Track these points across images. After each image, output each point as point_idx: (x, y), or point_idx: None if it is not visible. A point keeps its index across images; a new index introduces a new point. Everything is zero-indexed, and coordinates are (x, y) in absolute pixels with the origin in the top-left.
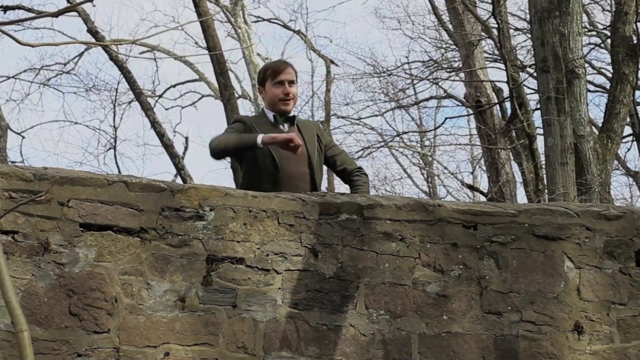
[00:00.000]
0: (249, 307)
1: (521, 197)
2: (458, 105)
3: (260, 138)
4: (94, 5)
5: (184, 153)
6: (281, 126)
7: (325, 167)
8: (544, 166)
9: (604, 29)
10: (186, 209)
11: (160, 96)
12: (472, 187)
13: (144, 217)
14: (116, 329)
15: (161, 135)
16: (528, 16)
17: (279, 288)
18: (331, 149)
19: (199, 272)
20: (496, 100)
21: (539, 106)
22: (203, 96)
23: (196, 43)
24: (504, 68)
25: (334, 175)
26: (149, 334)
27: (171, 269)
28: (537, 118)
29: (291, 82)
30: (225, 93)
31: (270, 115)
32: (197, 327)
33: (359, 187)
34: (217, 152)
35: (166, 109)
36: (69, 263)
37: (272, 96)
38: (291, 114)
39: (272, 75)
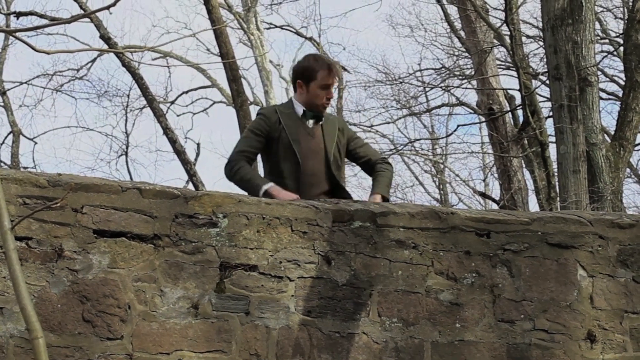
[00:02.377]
0: (262, 315)
1: (533, 205)
2: (470, 112)
3: (263, 190)
4: (110, 13)
5: (195, 159)
6: (308, 122)
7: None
8: (556, 174)
9: (617, 36)
10: (199, 215)
11: (172, 102)
12: (484, 195)
13: (158, 224)
14: (129, 336)
15: (173, 141)
16: (541, 24)
17: (292, 295)
18: (354, 142)
19: (212, 279)
20: (508, 108)
21: (551, 114)
22: (215, 102)
23: (208, 50)
24: (517, 76)
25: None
26: (162, 341)
27: (184, 275)
28: (549, 126)
29: (333, 88)
30: (238, 100)
31: (300, 109)
32: (210, 334)
33: (379, 173)
34: (229, 180)
35: (178, 116)
36: (83, 269)
37: (314, 97)
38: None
39: (322, 76)
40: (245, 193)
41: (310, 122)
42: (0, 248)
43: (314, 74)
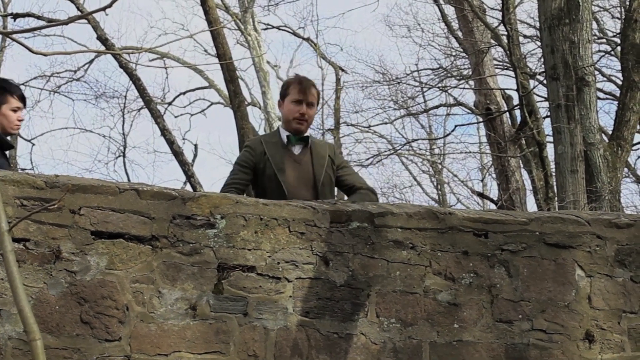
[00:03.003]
0: (260, 316)
1: (531, 204)
2: (468, 112)
3: None
4: (106, 14)
5: (193, 160)
6: (293, 148)
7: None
8: (554, 174)
9: (614, 36)
10: (197, 217)
11: (169, 103)
12: (482, 195)
13: (155, 225)
14: (127, 337)
15: (171, 142)
16: (538, 24)
17: (290, 296)
18: (342, 170)
19: (210, 280)
20: (506, 108)
21: (548, 114)
22: (212, 104)
23: (205, 50)
24: (514, 76)
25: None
26: (160, 342)
27: (182, 277)
28: (547, 126)
29: (310, 104)
30: (235, 100)
31: (284, 135)
32: (208, 335)
33: (357, 193)
34: None
35: (175, 117)
36: (81, 271)
37: (288, 112)
38: (305, 135)
39: (293, 92)
40: None
41: (297, 148)
42: None
43: (287, 89)
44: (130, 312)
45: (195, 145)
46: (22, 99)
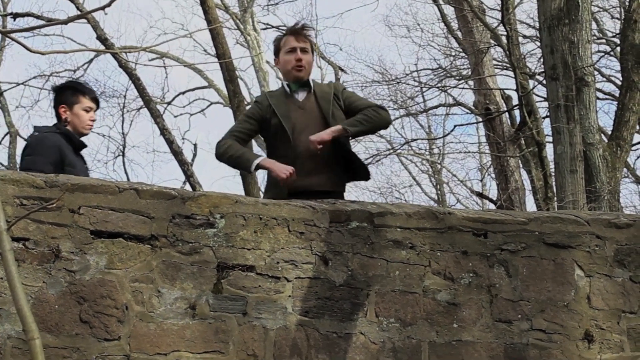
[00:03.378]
0: (260, 315)
1: (530, 205)
2: (467, 112)
3: (254, 164)
4: (105, 13)
5: (192, 160)
6: (296, 94)
7: None
8: (553, 174)
9: (614, 36)
10: (197, 216)
11: (169, 103)
12: (481, 195)
13: (155, 225)
14: (127, 337)
15: (170, 142)
16: (537, 24)
17: (290, 296)
18: (349, 100)
19: (209, 279)
20: (505, 108)
21: (548, 114)
22: (212, 103)
23: (205, 50)
24: (513, 76)
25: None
26: (160, 342)
27: (182, 276)
28: (546, 126)
29: (303, 50)
30: (235, 100)
31: (286, 86)
32: (207, 334)
33: (362, 112)
34: (219, 159)
35: (175, 116)
36: (80, 270)
37: (285, 64)
38: (307, 80)
39: (286, 42)
40: (238, 171)
41: (300, 95)
42: None
43: (280, 43)
44: (130, 311)
45: (195, 145)
46: (95, 100)
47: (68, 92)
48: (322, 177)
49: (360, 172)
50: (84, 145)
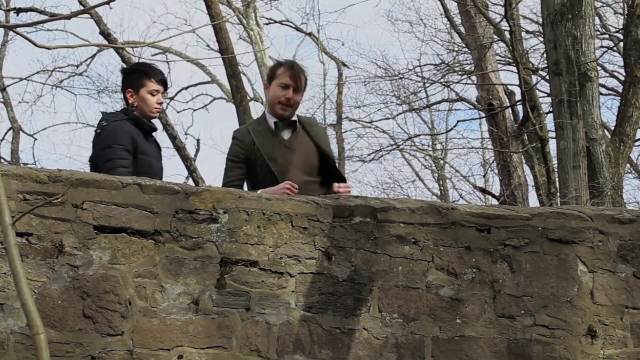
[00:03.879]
0: (263, 310)
1: (533, 200)
2: (470, 108)
3: None
4: (110, 8)
5: (195, 155)
6: (282, 133)
7: None
8: (556, 169)
9: (617, 32)
10: (200, 211)
11: (172, 98)
12: (484, 191)
13: (158, 220)
14: (130, 332)
15: (173, 137)
16: (540, 19)
17: (293, 291)
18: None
19: (212, 274)
20: (508, 103)
21: (551, 109)
22: (215, 99)
23: (208, 46)
24: (516, 71)
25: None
26: (163, 337)
27: (185, 271)
28: (549, 121)
29: (296, 90)
30: (238, 95)
31: (271, 121)
32: (210, 330)
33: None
34: None
35: (178, 112)
36: (83, 265)
37: (273, 96)
38: (293, 119)
39: (283, 76)
40: None
41: (286, 133)
42: (1, 244)
43: (276, 71)
44: (133, 306)
45: (198, 140)
46: (162, 82)
47: (134, 76)
48: None
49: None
50: (154, 129)
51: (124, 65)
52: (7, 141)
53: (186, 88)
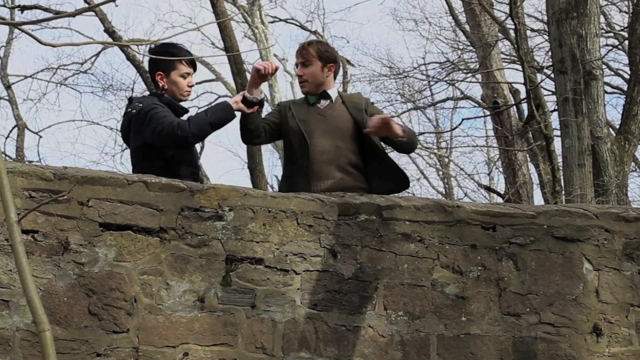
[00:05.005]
0: (268, 308)
1: (538, 198)
2: (475, 106)
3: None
4: (116, 5)
5: (200, 153)
6: (317, 104)
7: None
8: (561, 168)
9: (622, 30)
10: (205, 209)
11: None
12: (488, 189)
13: (164, 217)
14: (135, 329)
15: None
16: (545, 17)
17: (298, 289)
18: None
19: (218, 272)
20: (513, 102)
21: (556, 107)
22: (220, 96)
23: (213, 44)
24: (521, 69)
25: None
26: (168, 334)
27: (190, 269)
28: (554, 119)
29: (304, 64)
30: None
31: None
32: (216, 327)
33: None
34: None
35: None
36: (89, 263)
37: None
38: (328, 90)
39: (295, 59)
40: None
41: (322, 103)
42: (7, 241)
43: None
44: (138, 304)
45: None
46: (192, 63)
47: (163, 58)
48: (337, 181)
49: (397, 180)
50: (186, 112)
51: (128, 63)
52: (12, 139)
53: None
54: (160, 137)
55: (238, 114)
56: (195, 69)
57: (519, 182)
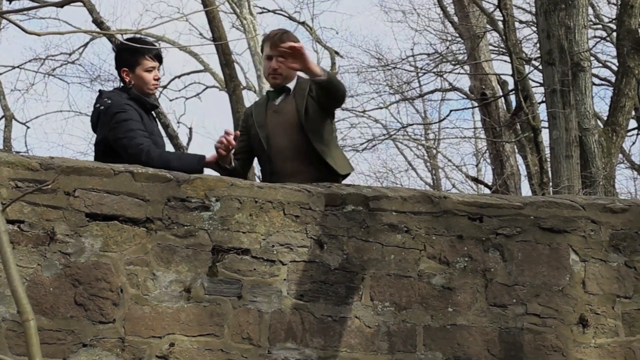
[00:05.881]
0: (254, 298)
1: (526, 190)
2: (463, 98)
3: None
4: None
5: (188, 144)
6: (274, 101)
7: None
8: (548, 159)
9: (610, 22)
10: (192, 199)
11: (164, 87)
12: (476, 180)
13: (150, 208)
14: (121, 319)
15: (165, 126)
16: (534, 9)
17: (284, 279)
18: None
19: (204, 262)
20: (501, 93)
21: (544, 99)
22: (208, 87)
23: (201, 34)
24: (509, 61)
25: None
26: (154, 325)
27: (177, 259)
28: (542, 111)
29: (281, 57)
30: (231, 84)
31: (267, 93)
32: (202, 317)
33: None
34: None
35: (170, 100)
36: (75, 253)
37: (264, 70)
38: (290, 84)
39: (265, 49)
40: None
41: (278, 100)
42: None
43: (262, 47)
44: (125, 294)
45: (190, 129)
46: (157, 57)
47: (127, 54)
48: (302, 177)
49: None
50: (155, 107)
51: (114, 47)
52: (0, 129)
53: (179, 77)
54: (125, 152)
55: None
56: (160, 62)
57: (506, 173)
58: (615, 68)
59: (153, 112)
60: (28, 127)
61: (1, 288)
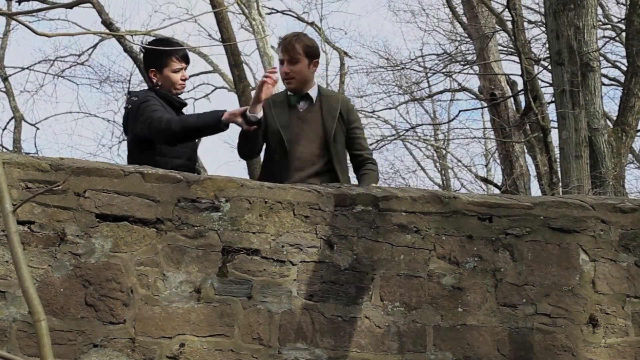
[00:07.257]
0: (264, 299)
1: (535, 190)
2: (472, 98)
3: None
4: None
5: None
6: (297, 105)
7: None
8: (558, 159)
9: (619, 22)
10: (202, 200)
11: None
12: (486, 180)
13: (160, 208)
14: (132, 320)
15: None
16: (543, 9)
17: (294, 279)
18: (353, 131)
19: (214, 263)
20: (510, 93)
21: (553, 99)
22: (217, 88)
23: (210, 35)
24: (519, 61)
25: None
26: (165, 325)
27: (187, 260)
28: (551, 111)
29: (291, 61)
30: (240, 85)
31: (286, 94)
32: (212, 318)
33: (366, 174)
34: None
35: None
36: (85, 254)
37: (280, 74)
38: (309, 92)
39: (278, 53)
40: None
41: (302, 105)
42: (3, 232)
43: (278, 51)
44: (135, 294)
45: None
46: (185, 58)
47: (156, 55)
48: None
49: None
50: (184, 105)
51: (125, 54)
52: (9, 131)
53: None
54: (148, 129)
55: (232, 126)
56: (188, 63)
57: (516, 173)
58: (624, 68)
59: (182, 111)
60: (38, 128)
61: (11, 289)
